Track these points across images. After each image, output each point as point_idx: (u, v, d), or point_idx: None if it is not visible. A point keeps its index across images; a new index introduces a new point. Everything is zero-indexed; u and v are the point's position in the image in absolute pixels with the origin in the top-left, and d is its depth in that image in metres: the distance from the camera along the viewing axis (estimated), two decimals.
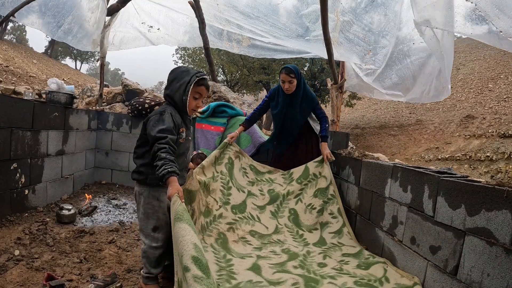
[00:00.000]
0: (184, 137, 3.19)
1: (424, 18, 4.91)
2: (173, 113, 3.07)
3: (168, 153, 2.76)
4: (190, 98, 3.15)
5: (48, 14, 6.76)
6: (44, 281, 2.82)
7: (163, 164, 2.68)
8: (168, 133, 2.87)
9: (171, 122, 2.96)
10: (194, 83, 3.11)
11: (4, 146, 4.31)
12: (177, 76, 3.18)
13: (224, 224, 4.62)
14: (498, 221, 2.43)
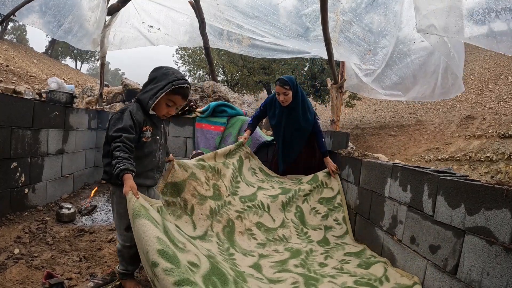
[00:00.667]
0: (150, 136, 3.11)
1: (427, 24, 4.90)
2: (135, 111, 2.99)
3: (122, 151, 2.73)
4: (162, 105, 3.11)
5: (48, 14, 6.76)
6: (43, 279, 2.82)
7: (116, 162, 2.67)
8: (123, 131, 2.82)
9: (128, 120, 2.89)
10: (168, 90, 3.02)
11: (4, 145, 4.31)
12: (156, 77, 3.11)
13: (233, 212, 4.61)
14: (497, 220, 2.43)
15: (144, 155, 3.08)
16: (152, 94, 3.01)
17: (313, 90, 25.19)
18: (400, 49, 7.09)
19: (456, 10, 4.58)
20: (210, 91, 8.29)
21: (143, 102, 3.05)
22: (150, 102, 3.00)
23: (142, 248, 2.27)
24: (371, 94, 8.10)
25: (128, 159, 2.71)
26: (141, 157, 3.05)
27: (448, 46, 5.63)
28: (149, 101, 3.01)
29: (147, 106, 3.02)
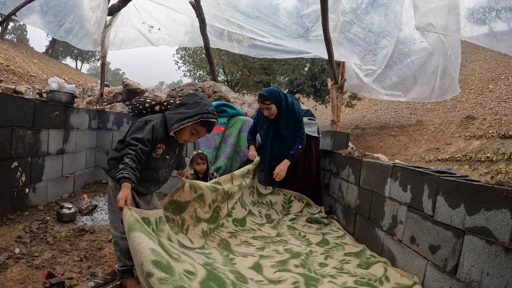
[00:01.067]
0: (160, 154, 3.17)
1: (426, 23, 4.90)
2: (157, 126, 3.07)
3: (133, 160, 2.80)
4: (186, 131, 3.17)
5: (49, 14, 6.77)
6: (44, 279, 2.83)
7: (123, 168, 2.74)
8: (140, 142, 2.89)
9: (148, 134, 2.97)
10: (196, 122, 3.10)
11: (5, 145, 4.32)
12: (188, 103, 3.17)
13: (226, 233, 4.68)
14: (497, 220, 2.44)
15: (147, 167, 3.13)
16: (179, 119, 3.08)
17: (313, 90, 25.18)
18: (401, 50, 7.10)
19: (456, 9, 4.59)
20: (211, 91, 8.29)
21: (168, 122, 3.13)
22: (175, 126, 3.08)
23: (137, 260, 2.30)
24: (371, 94, 8.11)
25: (134, 169, 2.78)
26: (144, 168, 3.07)
27: (445, 46, 5.63)
28: (174, 124, 3.08)
29: (170, 128, 3.10)
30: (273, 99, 5.61)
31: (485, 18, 4.47)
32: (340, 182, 5.73)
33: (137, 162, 2.83)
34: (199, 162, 5.92)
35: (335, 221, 5.61)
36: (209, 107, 3.15)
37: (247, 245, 4.51)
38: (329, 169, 6.44)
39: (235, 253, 4.16)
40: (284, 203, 6.05)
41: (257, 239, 4.73)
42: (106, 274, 3.17)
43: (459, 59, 6.18)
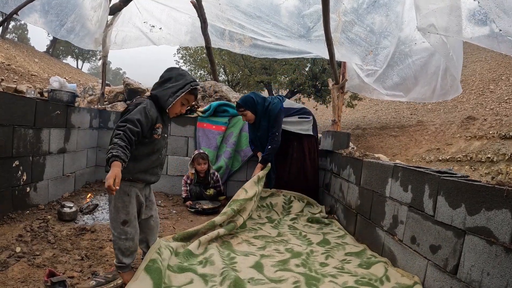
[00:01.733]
0: (160, 133, 3.18)
1: (427, 24, 4.90)
2: (149, 107, 3.05)
3: (121, 139, 2.74)
4: (178, 103, 3.22)
5: (51, 13, 6.77)
6: (45, 277, 2.83)
7: (111, 148, 2.69)
8: (130, 123, 2.85)
9: (139, 114, 2.93)
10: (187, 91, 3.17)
11: (6, 144, 4.31)
12: (173, 77, 3.22)
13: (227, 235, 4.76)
14: (498, 220, 2.44)
15: (153, 152, 3.17)
16: (172, 93, 3.13)
17: (314, 90, 25.18)
18: (402, 50, 7.10)
19: (458, 10, 4.59)
20: (212, 91, 8.29)
21: (161, 99, 3.15)
22: (170, 100, 3.12)
23: None
24: (372, 95, 8.11)
25: (124, 148, 2.71)
26: (150, 153, 3.15)
27: (447, 47, 5.63)
28: (169, 99, 3.13)
29: (166, 103, 3.13)
30: (246, 106, 5.94)
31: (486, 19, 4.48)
32: (341, 182, 5.74)
33: (126, 141, 2.76)
34: (200, 162, 5.97)
35: (336, 221, 5.62)
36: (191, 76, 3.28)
37: (248, 244, 4.55)
38: (330, 169, 6.44)
39: (236, 252, 4.19)
40: (284, 203, 6.08)
41: (258, 239, 4.76)
42: (107, 273, 3.17)
43: (461, 60, 6.18)
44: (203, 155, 6.12)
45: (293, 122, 6.34)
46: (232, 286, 3.13)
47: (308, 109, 6.71)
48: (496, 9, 3.98)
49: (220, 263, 3.63)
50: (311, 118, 6.47)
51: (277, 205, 6.02)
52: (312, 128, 6.48)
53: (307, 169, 6.38)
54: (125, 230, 3.08)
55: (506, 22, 3.93)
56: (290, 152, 6.35)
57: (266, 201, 6.08)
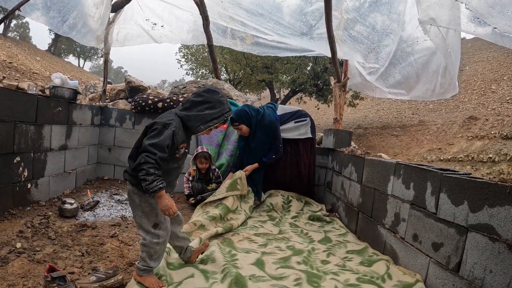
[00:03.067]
0: (182, 152, 3.14)
1: (428, 17, 4.91)
2: (177, 130, 2.95)
3: (156, 169, 2.78)
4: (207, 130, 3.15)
5: (53, 9, 6.77)
6: (45, 273, 2.82)
7: (154, 180, 2.74)
8: (159, 149, 2.82)
9: (168, 140, 2.88)
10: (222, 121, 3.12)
11: (7, 140, 4.31)
12: (209, 101, 3.08)
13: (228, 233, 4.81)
14: (500, 217, 2.43)
15: (173, 168, 3.16)
16: (206, 121, 3.06)
17: (316, 89, 25.16)
18: (403, 48, 7.10)
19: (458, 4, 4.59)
20: None
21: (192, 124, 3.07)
22: (201, 127, 3.07)
23: None
24: (374, 93, 8.10)
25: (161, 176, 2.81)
26: (171, 169, 3.13)
27: (446, 43, 5.64)
28: (200, 126, 3.06)
29: (196, 129, 3.07)
30: (241, 120, 5.96)
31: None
32: (342, 180, 5.73)
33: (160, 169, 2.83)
34: (203, 161, 6.06)
35: (337, 219, 5.62)
36: (228, 104, 3.15)
37: (250, 241, 4.56)
38: (332, 167, 6.44)
39: (238, 249, 4.20)
40: (284, 203, 6.10)
41: (259, 236, 4.76)
42: (108, 268, 3.16)
43: (458, 58, 6.19)
44: (206, 155, 6.12)
45: (290, 129, 6.32)
46: (233, 283, 3.13)
47: (303, 110, 6.67)
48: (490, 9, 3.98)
49: (221, 260, 3.62)
50: (307, 119, 6.43)
51: (277, 205, 6.04)
52: (310, 130, 6.45)
53: (302, 173, 6.36)
54: (157, 233, 3.05)
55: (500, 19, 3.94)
56: (284, 157, 6.33)
57: (266, 202, 6.10)
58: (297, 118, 6.43)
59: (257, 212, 5.90)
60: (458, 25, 4.75)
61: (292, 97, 27.45)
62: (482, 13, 4.03)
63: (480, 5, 4.00)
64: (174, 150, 3.01)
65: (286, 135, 6.26)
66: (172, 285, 3.12)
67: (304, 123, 6.37)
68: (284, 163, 6.29)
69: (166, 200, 2.82)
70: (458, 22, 4.70)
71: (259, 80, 25.49)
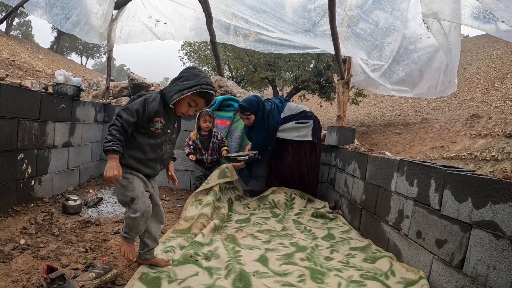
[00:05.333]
0: (160, 127, 3.16)
1: (432, 11, 4.92)
2: (150, 100, 3.07)
3: (118, 131, 2.91)
4: (184, 103, 3.17)
5: (56, 6, 6.79)
6: (44, 274, 2.81)
7: (111, 140, 2.86)
8: (127, 112, 2.97)
9: (138, 105, 3.01)
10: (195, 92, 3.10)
11: (11, 137, 4.31)
12: (185, 76, 3.18)
13: (232, 229, 4.86)
14: (504, 214, 2.43)
15: (149, 144, 3.16)
16: (179, 90, 3.09)
17: (319, 87, 25.14)
18: (407, 45, 7.11)
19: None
20: (217, 86, 8.29)
21: (167, 94, 3.14)
22: (174, 96, 3.08)
23: None
24: (378, 90, 8.10)
25: (122, 141, 2.92)
26: (146, 145, 3.15)
27: (447, 39, 5.64)
28: (174, 95, 3.09)
29: (169, 99, 3.11)
30: (253, 109, 6.06)
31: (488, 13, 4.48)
32: (345, 177, 5.74)
33: (124, 133, 2.95)
34: (207, 119, 6.09)
35: (341, 216, 5.62)
36: (207, 79, 3.17)
37: (253, 238, 4.58)
38: (335, 164, 6.45)
39: (241, 246, 4.22)
40: (287, 200, 6.10)
41: (262, 233, 4.79)
42: (104, 264, 3.16)
43: (458, 56, 6.20)
44: (210, 113, 6.16)
45: (289, 129, 6.28)
46: (237, 279, 3.14)
47: (310, 112, 6.56)
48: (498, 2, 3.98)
49: (225, 256, 3.64)
50: (310, 122, 6.35)
51: (279, 202, 6.05)
52: (311, 133, 6.36)
53: (303, 173, 6.34)
54: (134, 208, 3.08)
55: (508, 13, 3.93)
56: (285, 156, 6.36)
57: (268, 199, 6.11)
58: (299, 119, 6.36)
59: (260, 209, 5.92)
60: (460, 19, 4.75)
61: (295, 95, 27.42)
62: (491, 6, 4.03)
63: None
64: (149, 121, 3.09)
65: (284, 135, 6.26)
66: (176, 281, 3.13)
67: (305, 125, 6.30)
68: (285, 161, 6.30)
69: (113, 164, 2.86)
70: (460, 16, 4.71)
71: (262, 78, 25.45)
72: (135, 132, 3.10)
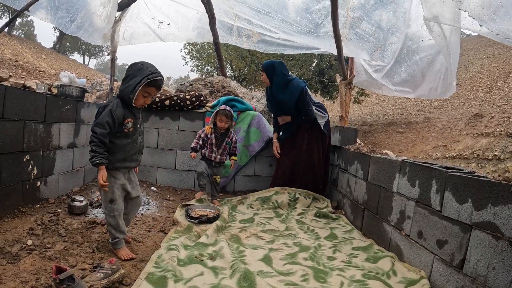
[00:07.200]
0: (131, 126, 3.65)
1: (433, 14, 4.96)
2: (114, 108, 3.49)
3: (98, 146, 3.39)
4: (139, 96, 3.56)
5: (61, 9, 6.83)
6: (53, 275, 2.84)
7: (93, 156, 3.38)
8: (99, 127, 3.41)
9: (106, 117, 3.44)
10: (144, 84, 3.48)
11: (17, 138, 4.35)
12: (131, 74, 3.55)
13: (236, 229, 4.91)
14: (504, 216, 2.47)
15: (127, 143, 3.71)
16: (132, 89, 3.49)
17: (321, 86, 25.14)
18: (409, 46, 7.15)
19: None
20: (220, 86, 8.33)
21: (125, 97, 3.55)
22: (131, 96, 3.50)
23: None
24: (380, 90, 8.14)
25: (103, 153, 3.43)
26: (125, 145, 3.69)
27: (446, 42, 5.68)
28: (130, 95, 3.51)
29: (129, 100, 3.53)
30: (264, 69, 6.29)
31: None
32: (348, 177, 5.77)
33: (103, 145, 3.44)
34: (223, 119, 5.83)
35: (343, 216, 5.66)
36: (151, 68, 3.55)
37: (257, 238, 4.62)
38: (337, 165, 6.47)
39: (245, 245, 4.27)
40: (290, 201, 6.13)
41: (266, 233, 4.83)
42: (111, 264, 3.21)
43: (457, 59, 6.24)
44: (228, 113, 5.83)
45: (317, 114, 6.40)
46: (242, 278, 3.19)
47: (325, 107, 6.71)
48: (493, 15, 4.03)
49: (230, 256, 3.68)
50: (326, 116, 6.48)
51: (282, 203, 6.07)
52: (324, 125, 6.46)
53: (315, 165, 6.36)
54: (112, 208, 3.66)
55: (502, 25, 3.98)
56: (300, 143, 6.36)
57: (271, 200, 6.14)
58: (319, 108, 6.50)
59: (263, 209, 5.97)
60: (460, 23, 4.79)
61: None
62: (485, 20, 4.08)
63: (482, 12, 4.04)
64: (120, 125, 3.57)
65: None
66: (182, 281, 3.17)
67: (323, 115, 6.40)
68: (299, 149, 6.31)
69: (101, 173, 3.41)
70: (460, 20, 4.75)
71: None
72: (112, 138, 3.57)
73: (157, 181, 7.27)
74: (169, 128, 7.15)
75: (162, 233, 4.57)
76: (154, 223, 4.92)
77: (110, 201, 3.67)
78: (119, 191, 3.72)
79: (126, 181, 3.81)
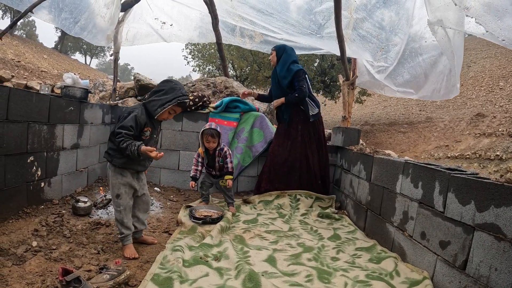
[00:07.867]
0: (148, 135, 3.84)
1: (438, 18, 4.97)
2: (139, 114, 3.69)
3: (127, 137, 3.54)
4: (166, 112, 3.80)
5: (65, 10, 6.84)
6: (60, 277, 2.85)
7: (128, 145, 3.48)
8: (124, 129, 3.57)
9: (131, 121, 3.62)
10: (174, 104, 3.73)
11: (21, 140, 4.37)
12: (164, 90, 3.76)
13: (240, 229, 4.95)
14: (506, 217, 2.48)
15: None
16: (161, 104, 3.72)
17: (323, 86, 25.15)
18: (412, 47, 7.15)
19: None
20: (222, 87, 8.35)
21: (151, 108, 3.75)
22: (158, 110, 3.73)
23: None
24: (383, 91, 8.14)
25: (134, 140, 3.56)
26: None
27: (450, 45, 5.69)
28: (157, 109, 3.73)
29: (154, 113, 3.75)
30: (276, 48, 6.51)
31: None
32: (351, 178, 5.79)
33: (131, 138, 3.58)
34: (210, 140, 5.55)
35: (346, 217, 5.68)
36: (182, 90, 3.79)
37: (261, 238, 4.65)
38: (340, 165, 6.49)
39: (250, 246, 4.30)
40: (291, 202, 6.14)
41: (270, 233, 4.86)
42: (117, 265, 3.23)
43: (461, 60, 6.25)
44: (213, 132, 5.53)
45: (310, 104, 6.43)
46: (247, 279, 3.21)
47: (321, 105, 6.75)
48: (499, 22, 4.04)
49: (235, 257, 3.71)
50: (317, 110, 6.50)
51: (284, 204, 6.10)
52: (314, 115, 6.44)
53: (309, 159, 6.35)
54: (118, 203, 3.82)
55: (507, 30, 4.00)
56: (294, 134, 6.38)
57: (273, 203, 6.17)
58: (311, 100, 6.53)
59: (266, 209, 6.00)
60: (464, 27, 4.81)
61: None
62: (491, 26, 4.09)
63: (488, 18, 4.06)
64: (140, 131, 3.76)
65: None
66: (188, 282, 3.20)
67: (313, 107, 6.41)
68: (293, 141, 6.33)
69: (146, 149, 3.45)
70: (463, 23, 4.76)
71: (266, 77, 25.42)
72: None
73: (161, 182, 7.30)
74: (172, 128, 7.18)
75: (167, 234, 4.59)
76: (158, 224, 4.94)
77: (116, 196, 3.83)
78: (126, 188, 3.85)
79: (134, 179, 3.94)
